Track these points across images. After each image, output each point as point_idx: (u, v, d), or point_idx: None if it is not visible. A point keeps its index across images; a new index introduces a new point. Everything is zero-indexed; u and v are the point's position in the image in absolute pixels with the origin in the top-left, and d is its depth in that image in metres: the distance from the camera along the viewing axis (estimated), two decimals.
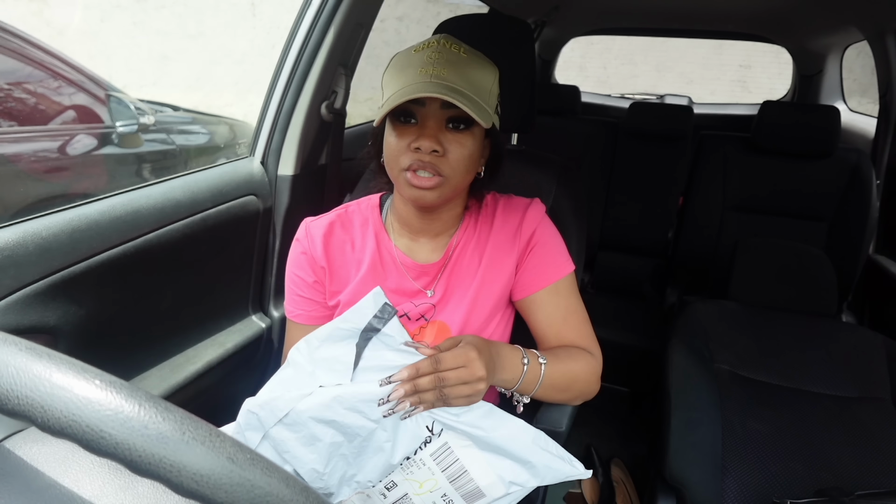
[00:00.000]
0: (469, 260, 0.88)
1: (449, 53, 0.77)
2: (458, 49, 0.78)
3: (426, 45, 0.78)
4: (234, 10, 6.52)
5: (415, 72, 0.75)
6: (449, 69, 0.76)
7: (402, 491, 0.73)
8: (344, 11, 1.27)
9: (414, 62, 0.77)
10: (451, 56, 0.76)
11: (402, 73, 0.77)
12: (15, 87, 2.25)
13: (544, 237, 0.89)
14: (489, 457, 0.71)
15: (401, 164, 0.78)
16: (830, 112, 1.98)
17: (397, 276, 0.88)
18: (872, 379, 1.35)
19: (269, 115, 1.31)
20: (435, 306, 0.88)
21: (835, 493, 0.99)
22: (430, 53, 0.76)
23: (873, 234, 2.02)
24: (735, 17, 2.43)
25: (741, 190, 2.12)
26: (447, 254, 0.88)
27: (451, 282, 0.88)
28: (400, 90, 0.75)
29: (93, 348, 0.96)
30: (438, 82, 0.74)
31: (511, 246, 0.88)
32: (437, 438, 0.70)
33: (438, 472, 0.71)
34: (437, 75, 0.75)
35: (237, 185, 1.24)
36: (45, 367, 0.32)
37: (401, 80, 0.76)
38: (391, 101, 0.74)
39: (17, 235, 0.84)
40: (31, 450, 0.46)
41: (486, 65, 0.80)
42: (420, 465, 0.71)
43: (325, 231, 0.89)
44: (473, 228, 0.90)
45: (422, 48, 0.78)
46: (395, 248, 0.89)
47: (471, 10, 2.65)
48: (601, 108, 3.27)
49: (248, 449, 0.33)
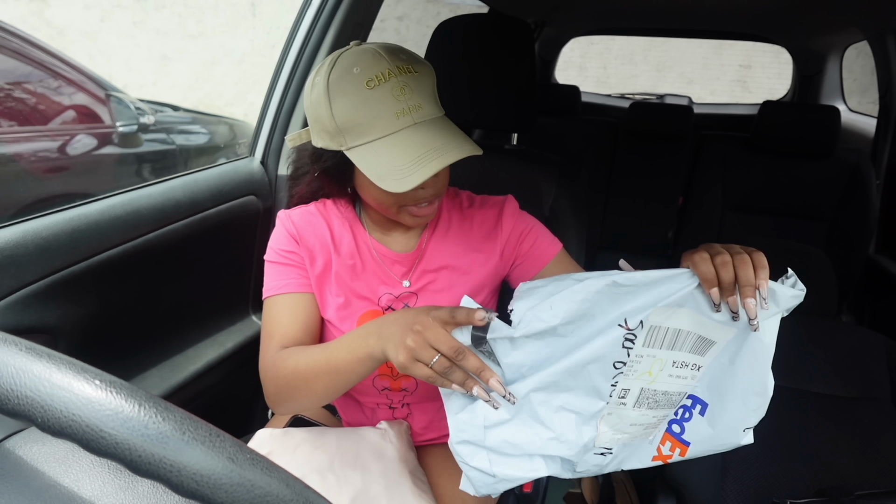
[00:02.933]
0: (444, 249, 0.89)
1: (407, 79, 0.71)
2: (409, 69, 0.72)
3: (381, 76, 0.70)
4: (234, 10, 6.52)
5: (389, 116, 0.70)
6: (418, 97, 0.71)
7: (637, 389, 0.68)
8: (344, 11, 1.27)
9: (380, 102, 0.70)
10: (410, 81, 0.71)
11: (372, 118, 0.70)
12: (15, 87, 2.25)
13: (529, 223, 0.90)
14: (687, 310, 0.65)
15: (401, 204, 0.77)
16: (830, 112, 1.98)
17: (374, 266, 0.88)
18: (872, 379, 1.35)
19: (269, 115, 1.31)
20: (416, 294, 0.88)
21: (835, 493, 0.99)
22: (394, 88, 0.70)
23: (873, 234, 2.02)
24: (735, 16, 2.43)
25: (741, 190, 2.12)
26: (421, 244, 0.89)
27: (427, 270, 0.89)
28: (391, 145, 0.70)
29: (93, 348, 0.96)
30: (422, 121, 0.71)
31: (493, 236, 0.89)
32: (640, 329, 0.64)
33: (660, 352, 0.66)
34: (418, 113, 0.71)
35: (237, 185, 1.24)
36: (45, 367, 0.32)
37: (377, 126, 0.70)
38: (408, 175, 0.68)
39: (17, 235, 0.84)
40: (31, 450, 0.46)
41: (428, 69, 0.76)
42: (637, 360, 0.66)
43: (305, 218, 0.89)
44: (448, 218, 0.91)
45: (376, 81, 0.69)
46: (371, 237, 0.89)
47: (471, 10, 2.66)
48: (601, 108, 3.27)
49: (248, 449, 0.33)
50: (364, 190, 0.80)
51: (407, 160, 0.69)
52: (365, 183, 0.77)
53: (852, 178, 1.98)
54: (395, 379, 0.89)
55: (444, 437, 0.99)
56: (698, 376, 0.71)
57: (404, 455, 0.87)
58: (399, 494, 0.80)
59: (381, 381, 0.89)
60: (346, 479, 0.80)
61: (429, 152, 0.69)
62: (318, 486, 0.77)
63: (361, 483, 0.80)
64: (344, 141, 0.72)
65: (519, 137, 1.30)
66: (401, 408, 0.94)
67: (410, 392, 0.92)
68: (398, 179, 0.69)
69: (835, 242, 2.02)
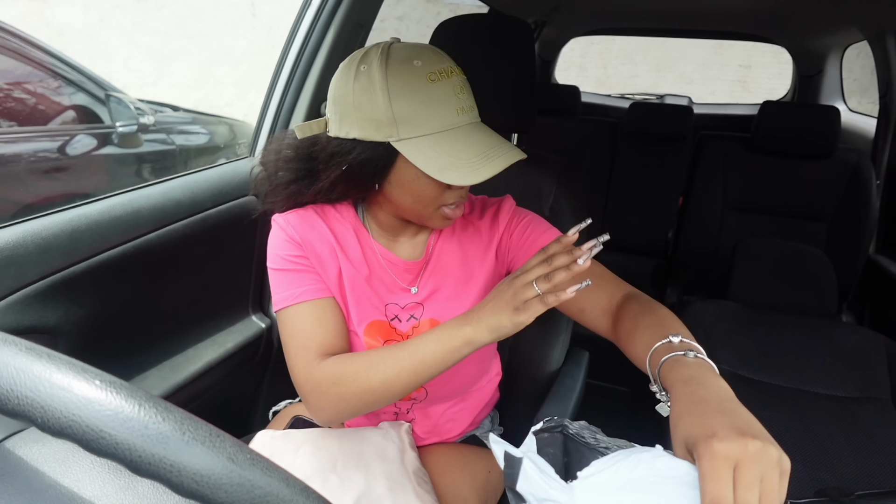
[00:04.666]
0: (450, 256, 0.88)
1: (464, 80, 0.73)
2: (461, 69, 0.74)
3: (444, 72, 0.70)
4: (234, 10, 6.52)
5: (450, 111, 0.70)
6: (472, 100, 0.74)
7: None
8: (344, 11, 1.27)
9: (442, 97, 0.70)
10: (465, 84, 0.74)
11: (433, 111, 0.70)
12: (15, 87, 2.25)
13: (524, 215, 0.89)
14: None
15: (440, 203, 0.76)
16: (830, 112, 1.98)
17: (381, 273, 0.86)
18: (872, 379, 1.35)
19: (269, 115, 1.31)
20: (422, 304, 0.87)
21: (835, 493, 0.99)
22: (455, 85, 0.71)
23: (873, 234, 2.02)
24: (735, 17, 2.43)
25: (741, 190, 2.12)
26: (428, 251, 0.88)
27: (435, 278, 0.87)
28: (454, 139, 0.70)
29: (93, 348, 0.96)
30: (477, 122, 0.74)
31: (491, 237, 0.88)
32: None
33: None
34: (472, 114, 0.74)
35: (237, 185, 1.24)
36: (45, 368, 0.32)
37: (437, 120, 0.70)
38: (476, 168, 0.68)
39: (17, 235, 0.84)
40: (31, 450, 0.46)
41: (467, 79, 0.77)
42: None
43: (306, 222, 0.83)
44: (452, 225, 0.89)
45: (438, 76, 0.70)
46: (376, 243, 0.86)
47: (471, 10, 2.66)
48: (601, 108, 3.27)
49: (248, 449, 0.33)
50: (401, 187, 0.75)
51: (473, 154, 0.70)
52: (405, 178, 0.73)
53: (852, 178, 1.98)
54: None
55: (446, 441, 0.99)
56: None
57: (407, 455, 0.87)
58: (402, 495, 0.80)
59: None
60: (350, 480, 0.80)
61: (493, 149, 0.70)
62: (321, 488, 0.77)
63: (364, 484, 0.80)
64: (395, 132, 0.69)
65: (519, 137, 1.30)
66: (406, 414, 0.94)
67: (420, 401, 0.92)
68: (464, 172, 0.68)
69: (835, 242, 2.02)
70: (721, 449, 0.46)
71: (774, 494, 0.45)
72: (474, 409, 0.99)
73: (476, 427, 1.02)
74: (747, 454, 0.46)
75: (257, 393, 1.35)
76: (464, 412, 0.98)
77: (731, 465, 0.45)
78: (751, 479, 0.45)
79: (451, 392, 0.93)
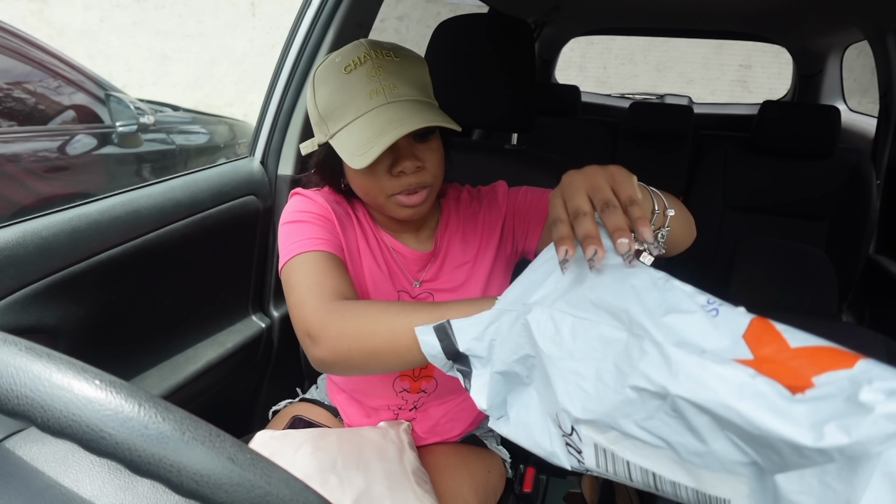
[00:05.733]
0: (458, 246, 0.89)
1: (384, 62, 0.71)
2: (389, 54, 0.73)
3: (357, 60, 0.71)
4: (234, 10, 6.52)
5: (363, 97, 0.70)
6: (394, 79, 0.71)
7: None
8: (344, 11, 1.27)
9: (355, 84, 0.70)
10: (387, 64, 0.71)
11: (347, 100, 0.70)
12: (15, 87, 2.25)
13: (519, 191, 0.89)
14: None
15: (386, 193, 0.75)
16: (830, 112, 1.98)
17: (392, 262, 0.87)
18: None
19: (269, 114, 1.31)
20: (433, 294, 0.88)
21: None
22: (369, 69, 0.70)
23: (873, 234, 2.02)
24: (735, 16, 2.43)
25: (741, 190, 2.12)
26: (436, 244, 0.89)
27: (444, 269, 0.88)
28: (362, 123, 0.69)
29: (93, 348, 0.96)
30: (396, 101, 0.70)
31: (495, 223, 0.89)
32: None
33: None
34: (392, 93, 0.70)
35: (237, 185, 1.24)
36: (45, 367, 0.32)
37: (352, 108, 0.70)
38: (370, 148, 0.66)
39: (17, 235, 0.84)
40: (31, 450, 0.46)
41: (417, 60, 0.77)
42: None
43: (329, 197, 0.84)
44: (456, 215, 0.90)
45: (353, 65, 0.71)
46: (386, 234, 0.87)
47: (471, 10, 2.66)
48: (601, 108, 3.27)
49: (248, 449, 0.33)
50: (353, 182, 0.78)
51: (371, 134, 0.68)
52: (349, 172, 0.77)
53: (852, 178, 1.99)
54: (415, 380, 0.89)
55: (445, 441, 0.99)
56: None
57: (406, 455, 0.87)
58: (402, 494, 0.80)
59: (402, 382, 0.89)
60: (349, 480, 0.80)
61: (392, 124, 0.67)
62: (321, 488, 0.77)
63: (364, 483, 0.80)
64: (327, 129, 0.73)
65: (519, 137, 1.30)
66: (408, 412, 0.94)
67: (428, 393, 0.92)
68: (361, 155, 0.67)
69: (835, 242, 2.02)
70: (554, 190, 0.54)
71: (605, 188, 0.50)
72: (475, 408, 0.99)
73: (476, 427, 1.03)
74: (567, 177, 0.53)
75: (257, 393, 1.35)
76: (464, 412, 0.98)
77: (559, 193, 0.53)
78: (573, 190, 0.51)
79: (460, 385, 0.93)
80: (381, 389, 0.91)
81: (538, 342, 0.48)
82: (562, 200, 0.52)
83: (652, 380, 0.41)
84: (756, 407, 0.36)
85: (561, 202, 0.52)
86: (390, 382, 0.89)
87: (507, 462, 1.03)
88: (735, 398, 0.37)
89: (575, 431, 0.47)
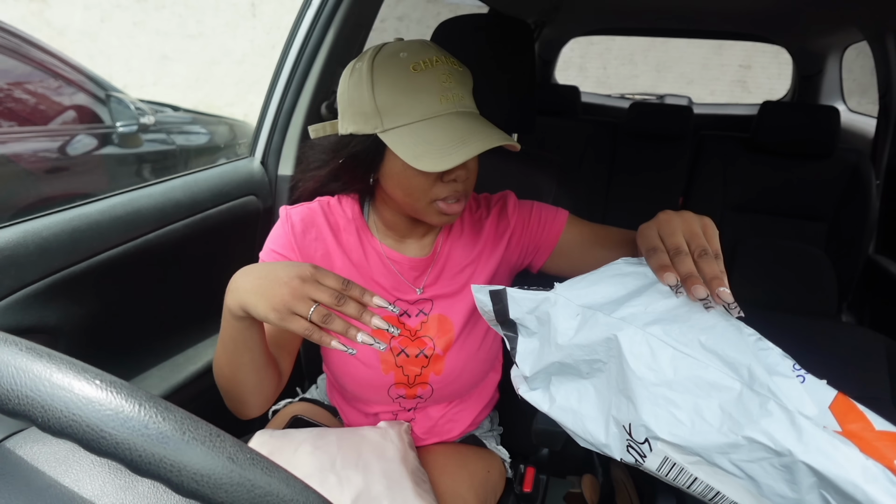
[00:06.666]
0: (459, 254, 0.88)
1: (453, 69, 0.71)
2: (455, 62, 0.73)
3: (428, 62, 0.70)
4: (234, 10, 6.52)
5: (433, 99, 0.69)
6: (462, 89, 0.71)
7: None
8: (344, 11, 1.27)
9: (425, 85, 0.69)
10: (456, 73, 0.71)
11: (414, 99, 0.69)
12: (15, 87, 2.25)
13: (529, 206, 0.90)
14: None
15: (430, 197, 0.74)
16: (830, 112, 1.98)
17: (383, 270, 0.86)
18: (872, 379, 1.35)
19: (269, 115, 1.31)
20: (431, 300, 0.87)
21: None
22: (440, 74, 0.70)
23: (873, 234, 2.02)
24: (735, 17, 2.43)
25: (741, 190, 2.12)
26: (436, 249, 0.88)
27: (443, 275, 0.88)
28: (434, 126, 0.69)
29: (93, 348, 0.96)
30: (465, 111, 0.71)
31: (502, 234, 0.89)
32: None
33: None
34: (460, 102, 0.71)
35: (237, 185, 1.24)
36: (46, 367, 0.32)
37: (419, 108, 0.69)
38: (447, 154, 0.66)
39: (17, 235, 0.84)
40: (31, 450, 0.46)
41: (468, 70, 0.76)
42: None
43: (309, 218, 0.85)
44: (460, 221, 0.89)
45: (423, 66, 0.70)
46: (381, 244, 0.86)
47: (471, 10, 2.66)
48: (601, 108, 3.27)
49: (248, 448, 0.33)
50: (391, 179, 0.75)
51: (448, 141, 0.67)
52: (394, 170, 0.74)
53: (852, 179, 1.99)
54: (410, 387, 0.89)
55: (445, 441, 0.99)
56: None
57: (405, 454, 0.87)
58: (401, 494, 0.80)
59: (397, 389, 0.89)
60: (348, 480, 0.80)
61: (472, 135, 0.68)
62: (320, 487, 0.77)
63: (363, 483, 0.80)
64: (380, 123, 0.70)
65: (519, 137, 1.30)
66: (406, 412, 0.94)
67: (425, 399, 0.92)
68: (437, 159, 0.66)
69: (835, 242, 2.02)
70: (648, 223, 0.60)
71: (697, 230, 0.57)
72: (474, 409, 0.99)
73: (475, 427, 1.02)
74: (665, 215, 0.59)
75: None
76: (464, 413, 0.98)
77: (655, 226, 0.59)
78: (672, 228, 0.57)
79: (456, 391, 0.93)
80: (376, 397, 0.90)
81: (629, 361, 0.52)
82: (657, 233, 0.58)
83: (775, 440, 0.45)
84: (878, 490, 0.42)
85: (657, 234, 0.58)
86: (385, 390, 0.89)
87: (506, 462, 1.03)
88: (862, 480, 0.43)
89: (648, 442, 0.51)
